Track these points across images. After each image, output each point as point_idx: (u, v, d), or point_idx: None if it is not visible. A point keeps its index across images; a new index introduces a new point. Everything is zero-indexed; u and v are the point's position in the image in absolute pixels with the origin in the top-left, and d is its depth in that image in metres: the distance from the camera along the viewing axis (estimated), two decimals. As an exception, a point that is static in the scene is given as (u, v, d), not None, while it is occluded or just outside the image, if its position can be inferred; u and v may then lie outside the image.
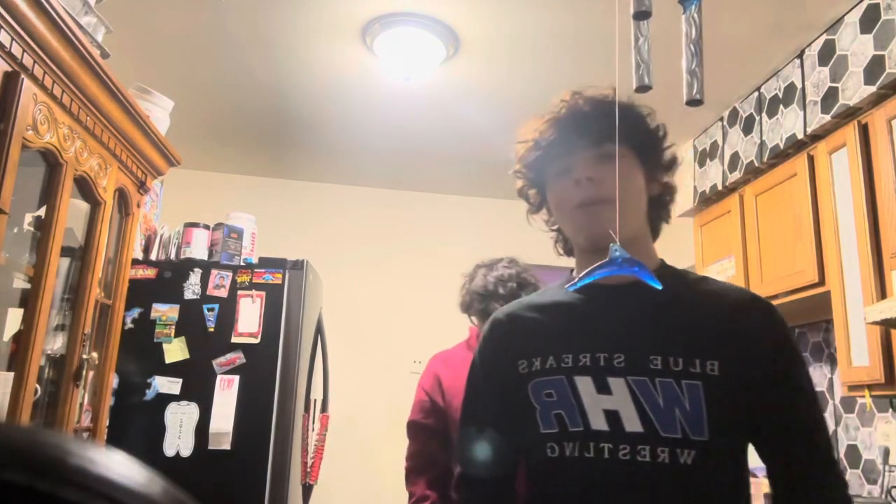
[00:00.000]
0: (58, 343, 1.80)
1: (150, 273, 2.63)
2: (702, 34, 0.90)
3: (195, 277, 2.63)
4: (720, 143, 3.10)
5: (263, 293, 2.64)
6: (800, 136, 2.52)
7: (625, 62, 0.94)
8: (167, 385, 2.53)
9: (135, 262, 2.53)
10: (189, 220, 2.78)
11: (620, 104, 1.04)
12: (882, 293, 2.08)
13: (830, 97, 2.37)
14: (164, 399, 2.52)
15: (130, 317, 2.54)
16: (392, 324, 4.15)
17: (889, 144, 2.11)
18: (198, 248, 2.70)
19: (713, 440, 0.92)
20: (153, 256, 2.74)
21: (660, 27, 1.19)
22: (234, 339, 2.58)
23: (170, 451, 2.47)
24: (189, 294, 2.61)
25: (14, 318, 1.65)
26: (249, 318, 2.61)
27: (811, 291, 2.43)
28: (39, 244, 1.62)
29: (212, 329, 2.59)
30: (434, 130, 3.49)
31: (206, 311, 2.60)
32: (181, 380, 2.53)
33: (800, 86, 2.56)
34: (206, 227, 2.77)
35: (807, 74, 2.53)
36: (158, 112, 2.19)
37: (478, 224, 4.27)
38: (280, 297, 2.65)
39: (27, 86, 1.43)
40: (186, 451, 2.48)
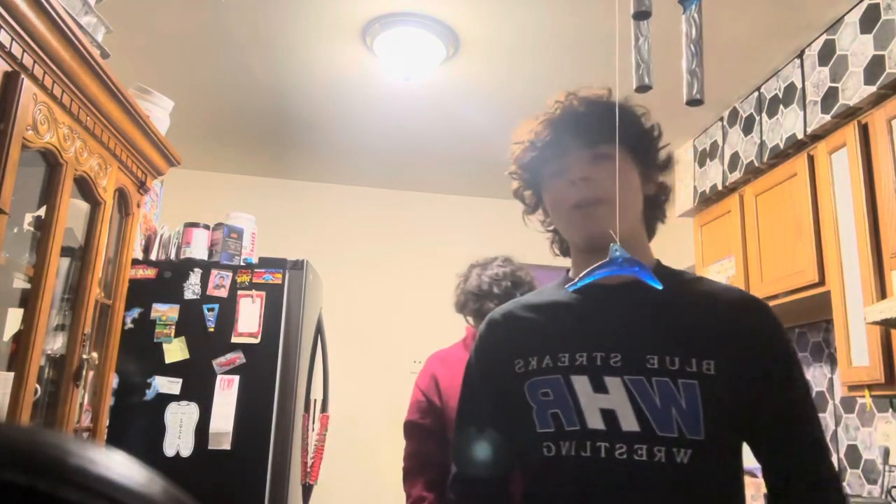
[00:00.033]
0: (58, 343, 1.80)
1: (150, 273, 2.63)
2: (702, 34, 0.90)
3: (195, 277, 2.63)
4: (720, 143, 3.10)
5: (263, 293, 2.64)
6: (800, 136, 2.52)
7: (625, 62, 0.94)
8: (167, 385, 2.53)
9: (135, 262, 2.53)
10: (189, 220, 2.78)
11: (615, 104, 1.04)
12: (882, 293, 2.08)
13: (830, 97, 2.37)
14: (164, 399, 2.52)
15: (130, 317, 2.54)
16: (392, 324, 4.15)
17: (889, 144, 2.11)
18: (198, 248, 2.70)
19: (709, 439, 0.92)
20: (153, 256, 2.74)
21: (660, 27, 1.19)
22: (234, 339, 2.58)
23: (170, 451, 2.48)
24: (189, 294, 2.61)
25: (14, 318, 1.65)
26: (249, 318, 2.61)
27: (811, 291, 2.43)
28: (39, 244, 1.62)
29: (212, 329, 2.59)
30: (434, 130, 3.49)
31: (206, 311, 2.60)
32: (181, 380, 2.53)
33: (800, 86, 2.56)
34: (206, 227, 2.77)
35: (807, 74, 2.53)
36: (158, 112, 2.19)
37: (478, 224, 4.27)
38: (280, 297, 2.65)
39: (27, 86, 1.43)
40: (186, 451, 2.48)
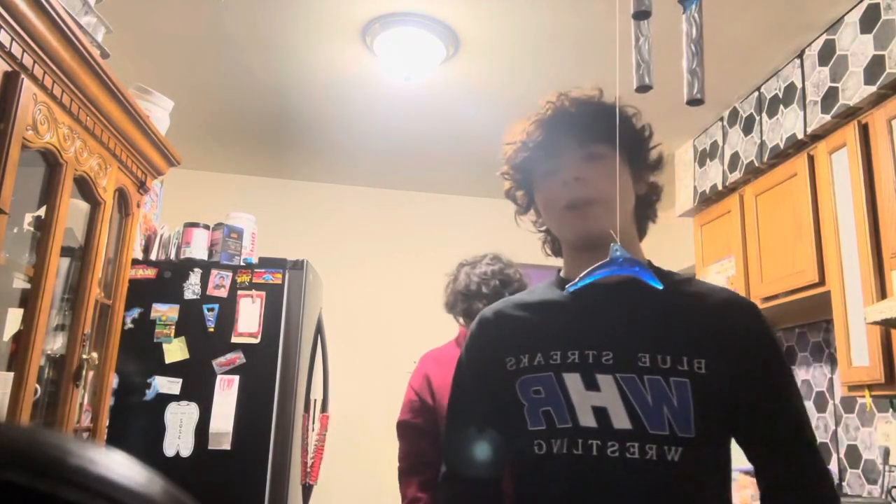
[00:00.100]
0: (58, 343, 1.80)
1: (150, 273, 2.63)
2: (702, 34, 0.90)
3: (195, 277, 2.63)
4: (720, 143, 3.10)
5: (263, 293, 2.64)
6: (800, 136, 2.52)
7: (625, 62, 0.94)
8: (167, 385, 2.53)
9: (135, 262, 2.53)
10: (189, 220, 2.78)
11: (607, 105, 1.05)
12: (882, 293, 2.08)
13: (830, 97, 2.37)
14: (164, 399, 2.52)
15: (130, 317, 2.54)
16: (392, 324, 4.15)
17: (889, 144, 2.11)
18: (198, 248, 2.70)
19: (699, 437, 0.93)
20: (153, 256, 2.74)
21: (660, 27, 1.19)
22: (234, 339, 2.58)
23: (170, 451, 2.47)
24: (189, 294, 2.61)
25: (14, 318, 1.65)
26: (249, 318, 2.61)
27: (811, 291, 2.43)
28: (39, 244, 1.62)
29: (212, 329, 2.59)
30: (434, 130, 3.49)
31: (206, 311, 2.60)
32: (181, 380, 2.53)
33: (800, 86, 2.56)
34: (206, 227, 2.77)
35: (807, 74, 2.53)
36: (158, 112, 2.19)
37: (478, 224, 4.27)
38: (280, 297, 2.65)
39: (27, 86, 1.43)
40: (186, 451, 2.48)
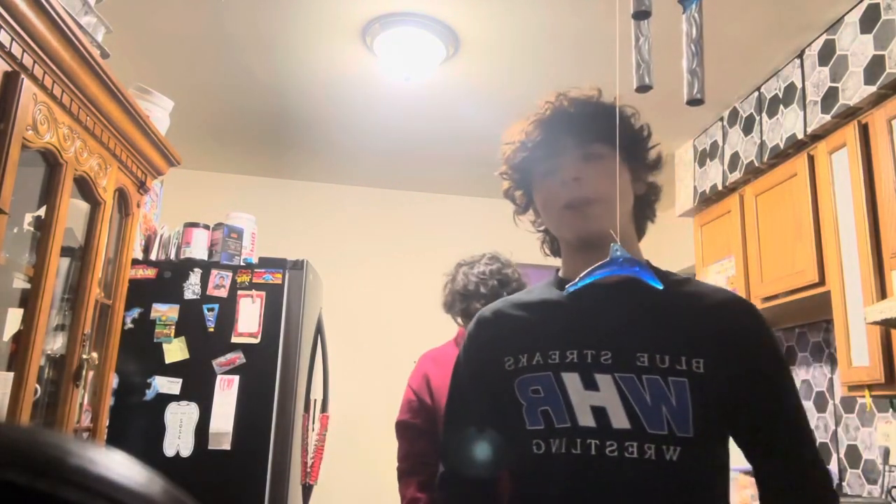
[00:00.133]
0: (58, 343, 1.80)
1: (150, 273, 2.63)
2: (702, 34, 0.90)
3: (195, 277, 2.63)
4: (720, 143, 3.10)
5: (263, 293, 2.64)
6: (800, 136, 2.52)
7: (625, 62, 0.94)
8: (167, 385, 2.53)
9: (135, 262, 2.53)
10: (189, 220, 2.78)
11: (605, 105, 1.05)
12: (882, 293, 2.08)
13: (830, 97, 2.37)
14: (164, 399, 2.52)
15: (130, 317, 2.54)
16: (392, 323, 4.15)
17: (889, 144, 2.11)
18: (198, 248, 2.70)
19: (698, 437, 0.93)
20: (153, 256, 2.74)
21: (660, 27, 1.19)
22: (234, 339, 2.58)
23: (170, 451, 2.47)
24: (189, 294, 2.61)
25: (14, 318, 1.65)
26: (249, 318, 2.61)
27: (811, 291, 2.43)
28: (39, 244, 1.62)
29: (212, 329, 2.59)
30: (434, 130, 3.49)
31: (206, 311, 2.60)
32: (181, 380, 2.53)
33: (800, 86, 2.56)
34: (206, 227, 2.77)
35: (807, 74, 2.53)
36: (158, 112, 2.19)
37: (478, 224, 4.26)
38: (280, 297, 2.65)
39: (27, 86, 1.43)
40: (186, 451, 2.48)
